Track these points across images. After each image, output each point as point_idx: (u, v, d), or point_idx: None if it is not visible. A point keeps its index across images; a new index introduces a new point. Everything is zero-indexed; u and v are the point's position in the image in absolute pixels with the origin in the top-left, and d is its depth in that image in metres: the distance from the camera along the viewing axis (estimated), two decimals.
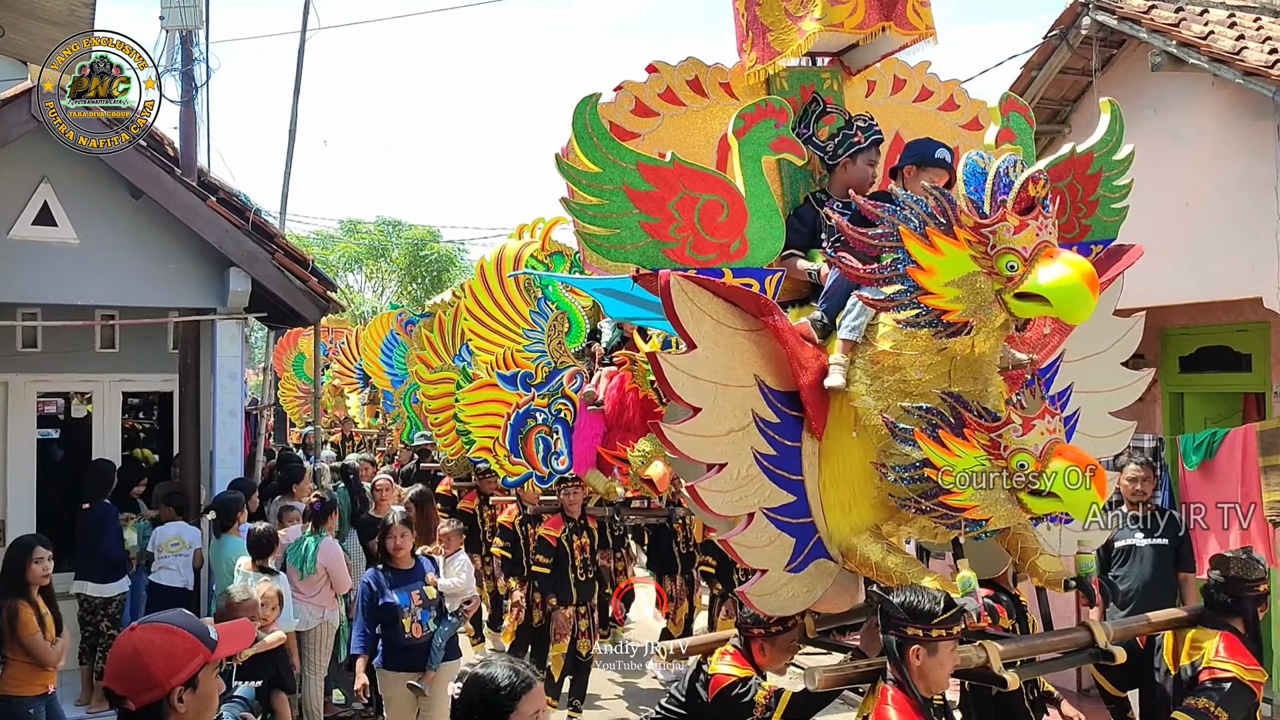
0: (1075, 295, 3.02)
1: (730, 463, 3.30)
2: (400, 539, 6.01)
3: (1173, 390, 8.48)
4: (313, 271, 8.54)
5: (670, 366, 3.21)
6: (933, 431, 3.21)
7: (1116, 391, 4.26)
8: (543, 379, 7.50)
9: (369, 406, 17.46)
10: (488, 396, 7.67)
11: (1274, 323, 6.92)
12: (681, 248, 3.41)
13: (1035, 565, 3.61)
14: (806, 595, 3.52)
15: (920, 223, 3.14)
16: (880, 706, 3.19)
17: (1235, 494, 6.58)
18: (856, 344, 3.48)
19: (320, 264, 11.61)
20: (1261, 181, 6.28)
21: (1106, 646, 3.67)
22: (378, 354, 14.46)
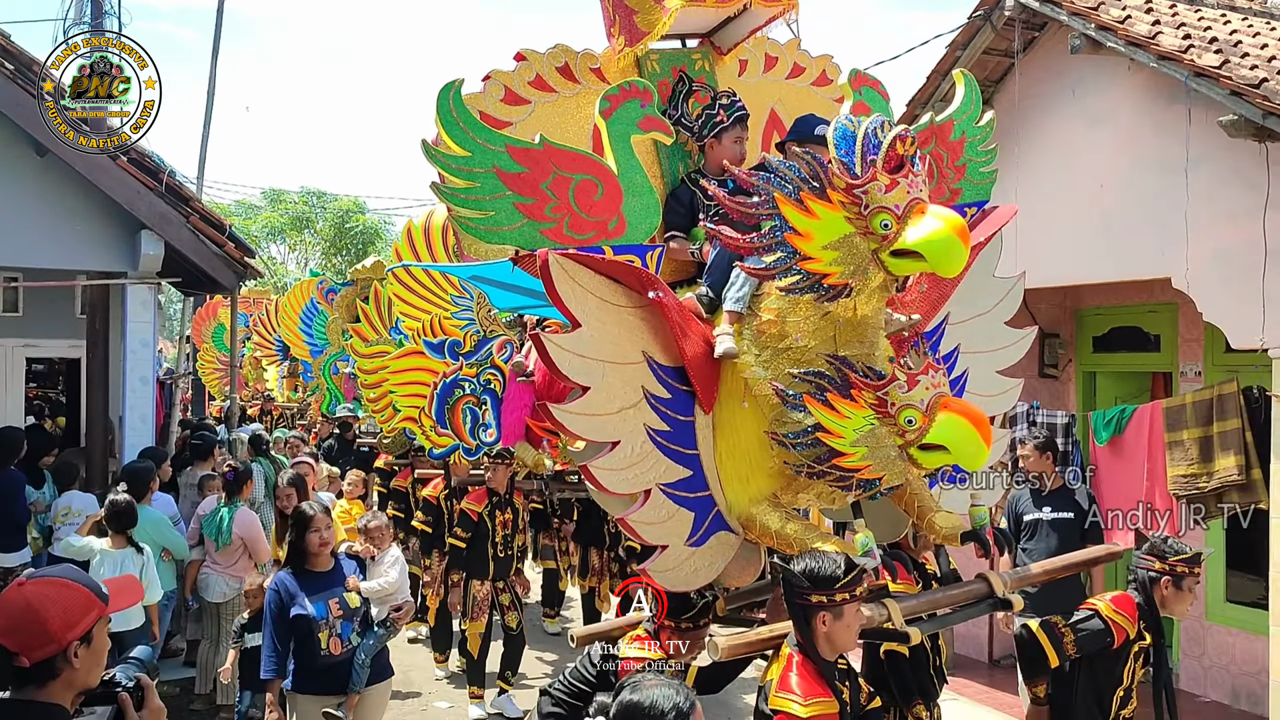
0: (947, 248, 3.08)
1: (623, 440, 3.29)
2: (325, 533, 5.09)
3: (1086, 369, 8.71)
4: (230, 236, 8.33)
5: (555, 346, 3.18)
6: (821, 395, 3.26)
7: (1002, 350, 4.34)
8: (471, 348, 7.34)
9: (289, 380, 17.01)
10: (414, 365, 7.51)
11: (1182, 304, 7.12)
12: (559, 227, 3.43)
13: (932, 522, 3.68)
14: (709, 569, 3.53)
15: (794, 188, 3.19)
16: (785, 673, 3.22)
17: (1142, 468, 6.78)
18: (742, 315, 3.52)
19: (242, 234, 11.33)
20: (1173, 165, 6.45)
21: (1004, 595, 3.77)
22: (296, 323, 14.07)
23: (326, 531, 5.07)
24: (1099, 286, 7.93)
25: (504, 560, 7.59)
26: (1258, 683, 6.71)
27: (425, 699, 8.06)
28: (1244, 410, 6.33)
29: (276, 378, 17.82)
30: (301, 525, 5.06)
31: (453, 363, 7.31)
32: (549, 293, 3.17)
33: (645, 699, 2.15)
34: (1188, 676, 7.78)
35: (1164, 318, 7.99)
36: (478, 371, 7.29)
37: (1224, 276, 6.19)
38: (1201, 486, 6.45)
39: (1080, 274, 7.29)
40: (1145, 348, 8.27)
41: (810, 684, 3.16)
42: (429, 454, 8.08)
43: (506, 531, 7.59)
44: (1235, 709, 7.27)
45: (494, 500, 7.55)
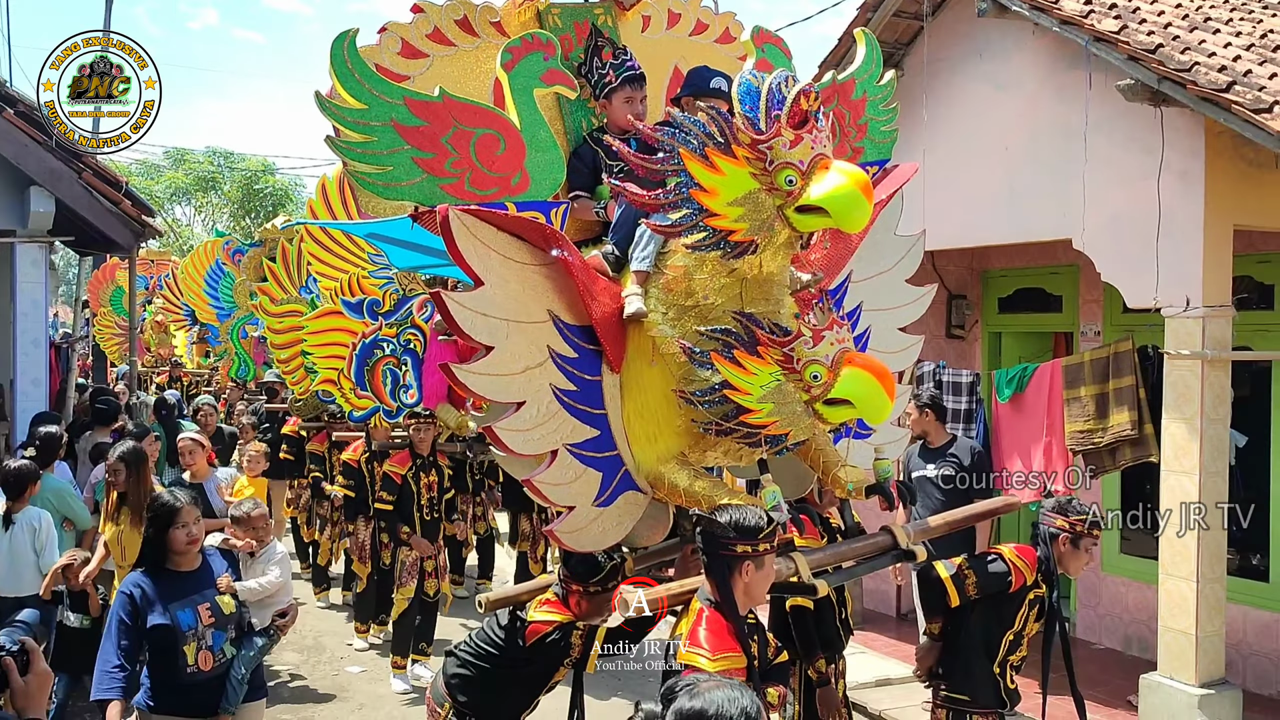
0: (852, 203, 3.08)
1: (529, 401, 3.25)
2: (194, 528, 4.24)
3: (992, 330, 8.91)
4: (126, 194, 8.02)
5: (457, 305, 3.11)
6: (728, 352, 3.26)
7: (903, 308, 4.39)
8: (391, 307, 7.18)
9: (198, 345, 16.42)
10: (332, 325, 7.32)
11: (1083, 265, 7.30)
12: (460, 183, 3.36)
13: (837, 477, 3.73)
14: (617, 529, 3.52)
15: (699, 144, 3.16)
16: (694, 628, 3.22)
17: (1042, 425, 6.97)
18: (649, 274, 3.49)
19: (144, 195, 10.93)
20: (1073, 129, 6.58)
21: (908, 547, 3.84)
22: (201, 286, 13.62)
23: (195, 526, 4.24)
24: (1004, 249, 8.10)
25: (431, 524, 7.47)
26: (1148, 629, 6.98)
27: (338, 664, 7.98)
28: (1138, 368, 6.54)
29: (185, 343, 17.21)
30: (164, 519, 4.19)
31: (371, 323, 7.15)
32: (450, 250, 3.10)
33: (708, 705, 1.88)
34: (1084, 625, 8.08)
35: (1066, 279, 8.20)
36: (398, 331, 7.14)
37: (1121, 238, 6.36)
38: (1097, 442, 6.65)
39: (985, 236, 7.43)
40: (1048, 308, 8.49)
41: (719, 638, 3.17)
42: (349, 417, 7.91)
43: (432, 494, 7.45)
44: (1127, 655, 7.58)
45: (418, 463, 7.39)
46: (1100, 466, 6.76)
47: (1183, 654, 6.00)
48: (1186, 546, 6.00)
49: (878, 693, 7.07)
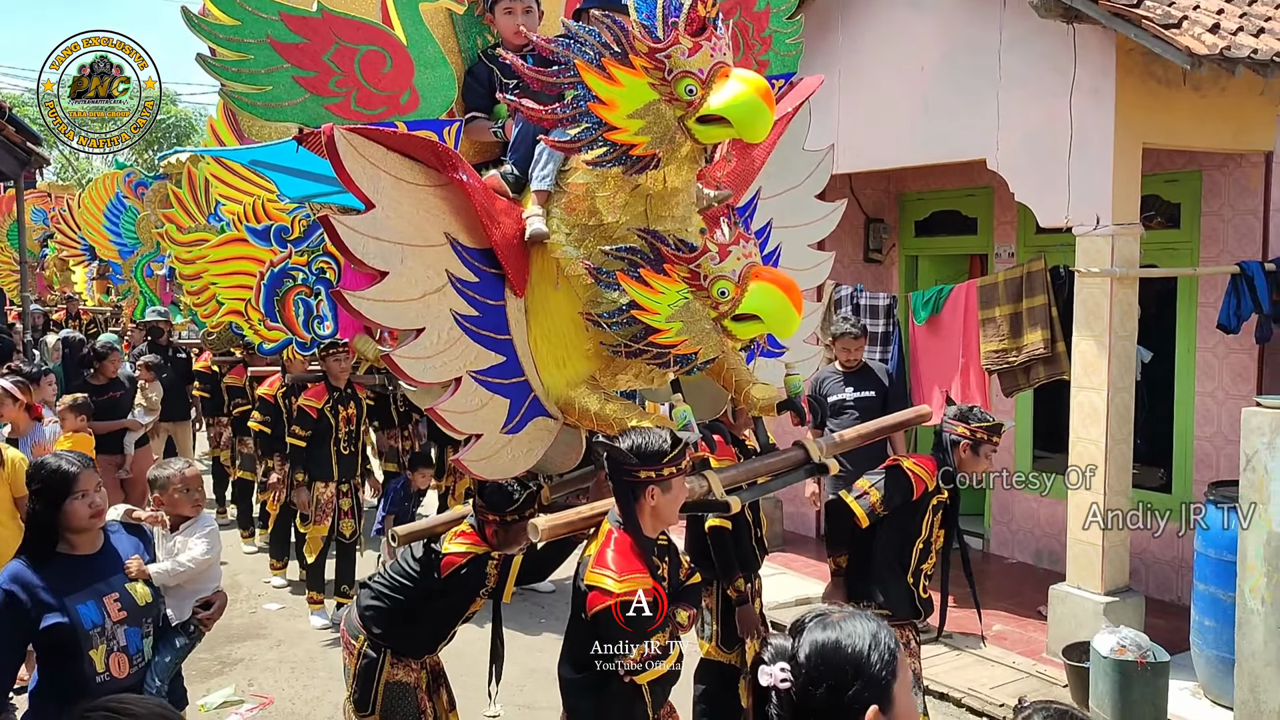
0: (752, 110, 3.01)
1: (428, 327, 3.16)
2: (97, 498, 3.34)
3: (908, 253, 8.97)
4: (10, 120, 7.60)
5: (346, 229, 2.98)
6: (634, 271, 3.20)
7: (813, 224, 4.36)
8: (301, 234, 6.85)
9: (99, 282, 15.58)
10: (237, 253, 7.06)
11: (997, 187, 7.34)
12: (346, 102, 3.24)
13: (749, 395, 3.70)
14: (527, 456, 3.47)
15: (596, 55, 3.06)
16: (602, 549, 3.22)
17: (958, 345, 7.04)
18: (551, 193, 3.39)
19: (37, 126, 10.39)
20: (988, 47, 6.55)
21: (821, 460, 3.83)
22: (101, 221, 12.85)
23: (99, 495, 3.35)
24: (921, 172, 8.11)
25: (348, 459, 7.33)
26: (1058, 543, 7.18)
27: (254, 601, 7.86)
28: (1050, 287, 6.63)
29: (85, 280, 16.43)
30: (58, 488, 3.28)
31: (280, 250, 6.82)
32: (337, 172, 2.97)
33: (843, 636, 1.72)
34: (997, 541, 8.30)
35: (981, 201, 8.25)
36: (309, 259, 6.84)
37: (1034, 158, 6.38)
38: (1011, 361, 6.76)
39: (902, 157, 7.41)
40: (964, 231, 8.56)
41: (626, 560, 3.17)
42: (259, 350, 7.66)
43: (350, 428, 7.29)
44: (1039, 568, 7.80)
45: (334, 396, 7.22)
46: (1014, 385, 6.87)
47: (1090, 565, 6.18)
48: (1095, 461, 6.14)
49: (798, 611, 7.16)
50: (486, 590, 3.91)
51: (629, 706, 3.24)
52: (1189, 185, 7.02)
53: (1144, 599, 6.36)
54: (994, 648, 6.46)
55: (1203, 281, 6.90)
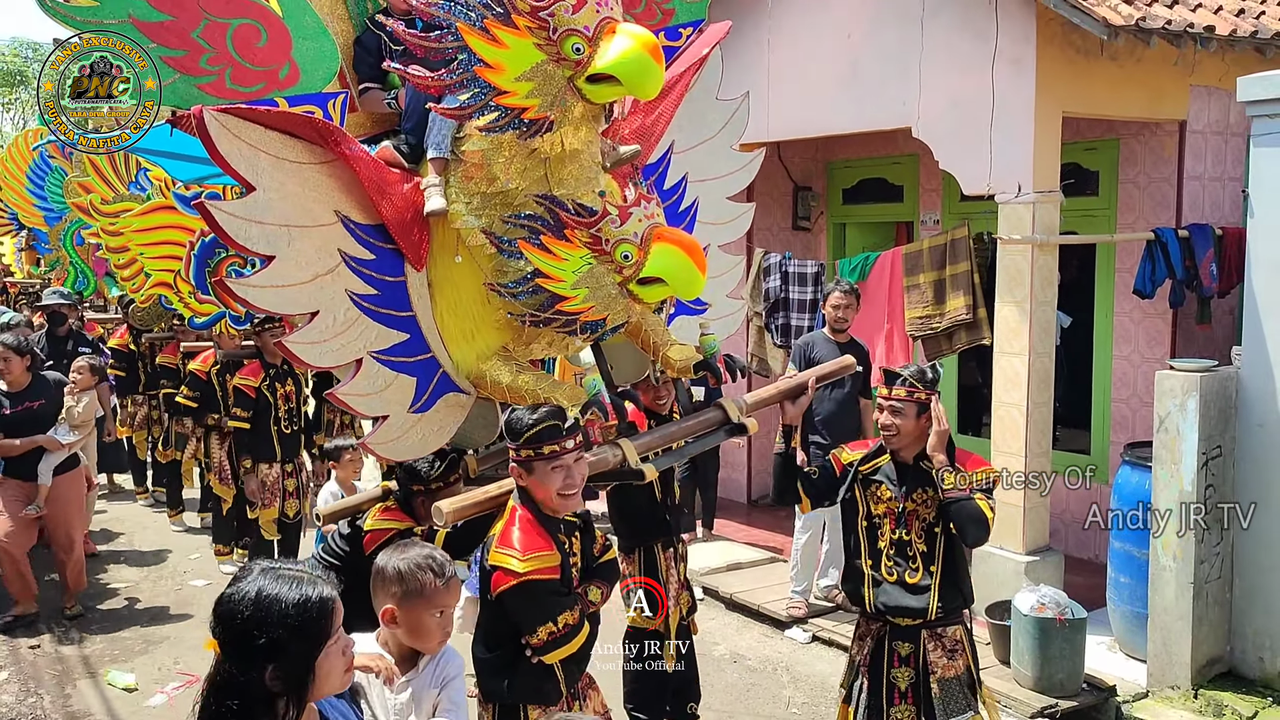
0: (640, 67, 2.93)
1: (323, 310, 3.04)
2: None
3: (836, 220, 9.05)
4: None
5: (225, 215, 2.84)
6: (535, 239, 3.12)
7: (731, 176, 4.24)
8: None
9: (27, 253, 14.56)
10: (164, 221, 6.78)
11: (923, 155, 7.42)
12: (219, 81, 3.09)
13: (666, 356, 3.66)
14: (439, 434, 3.39)
15: (478, 16, 2.95)
16: (506, 527, 3.18)
17: (883, 312, 7.13)
18: (447, 161, 3.29)
19: None
20: (912, 15, 6.59)
21: (739, 420, 3.75)
22: (23, 183, 11.88)
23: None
24: (848, 140, 8.16)
25: (291, 438, 7.06)
26: None
27: (180, 579, 7.73)
28: (973, 253, 6.73)
29: (13, 250, 15.44)
30: (312, 633, 2.23)
31: None
32: (211, 155, 2.85)
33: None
34: None
35: (907, 169, 8.34)
36: None
37: (957, 126, 6.46)
38: (935, 327, 6.86)
39: (828, 125, 7.44)
40: (890, 198, 8.64)
41: (530, 538, 3.12)
42: (190, 323, 7.41)
43: (290, 405, 7.01)
44: None
45: (270, 373, 6.92)
46: (938, 350, 6.98)
47: (1011, 526, 6.33)
48: (1016, 424, 6.28)
49: (729, 577, 7.28)
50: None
51: (539, 684, 3.20)
52: (1107, 154, 7.16)
53: (1063, 557, 6.54)
54: None
55: (1120, 248, 7.06)
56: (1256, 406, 5.40)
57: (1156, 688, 5.49)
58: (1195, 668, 5.39)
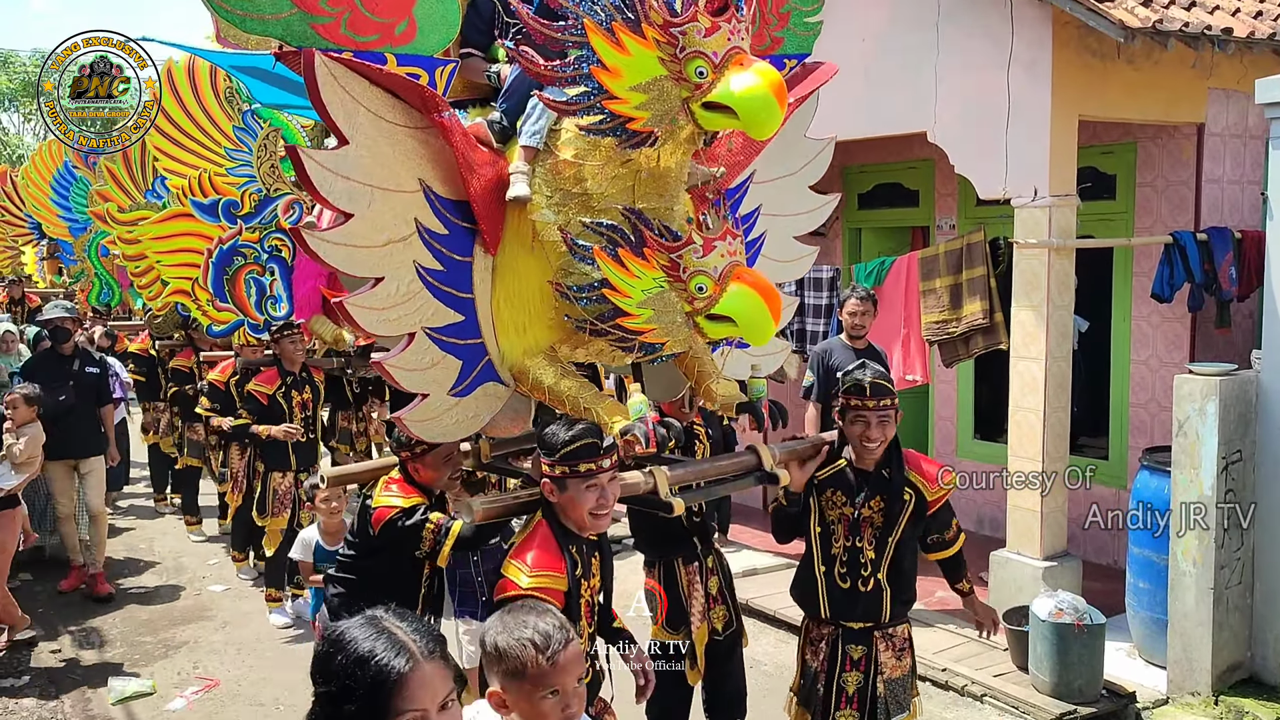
0: (762, 107, 2.84)
1: (388, 277, 2.99)
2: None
3: (852, 225, 9.03)
4: None
5: (315, 164, 2.79)
6: (612, 250, 3.04)
7: (803, 215, 4.19)
8: (252, 209, 6.63)
9: (49, 262, 14.25)
10: (182, 229, 6.76)
11: (938, 160, 7.40)
12: (335, 24, 2.92)
13: (710, 390, 3.57)
14: (472, 421, 3.34)
15: (608, 17, 2.88)
16: (526, 538, 3.14)
17: (900, 317, 7.11)
18: (539, 151, 3.23)
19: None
20: (927, 20, 6.58)
21: (772, 469, 3.67)
22: (48, 193, 11.72)
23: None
24: (864, 145, 8.13)
25: (306, 446, 6.98)
26: (999, 510, 7.31)
27: (199, 584, 7.76)
28: (989, 258, 6.71)
29: (35, 260, 14.99)
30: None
31: (229, 226, 6.53)
32: (313, 100, 2.79)
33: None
34: None
35: (922, 174, 8.32)
36: (261, 236, 6.56)
37: (972, 130, 6.44)
38: (951, 331, 6.84)
39: (844, 129, 7.40)
40: (906, 203, 8.62)
41: (544, 554, 3.08)
42: (208, 331, 7.39)
43: (306, 414, 6.94)
44: (979, 534, 7.92)
45: (287, 381, 6.87)
46: (954, 355, 6.96)
47: (1029, 530, 6.30)
48: (1033, 429, 6.25)
49: (744, 582, 7.23)
50: (422, 552, 3.77)
51: None
52: (1124, 157, 7.14)
53: (1081, 563, 6.50)
54: (935, 613, 6.58)
55: (1137, 251, 7.03)
56: (1277, 411, 5.36)
57: (1177, 694, 5.45)
58: (1216, 674, 5.35)
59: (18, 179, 13.66)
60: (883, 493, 3.86)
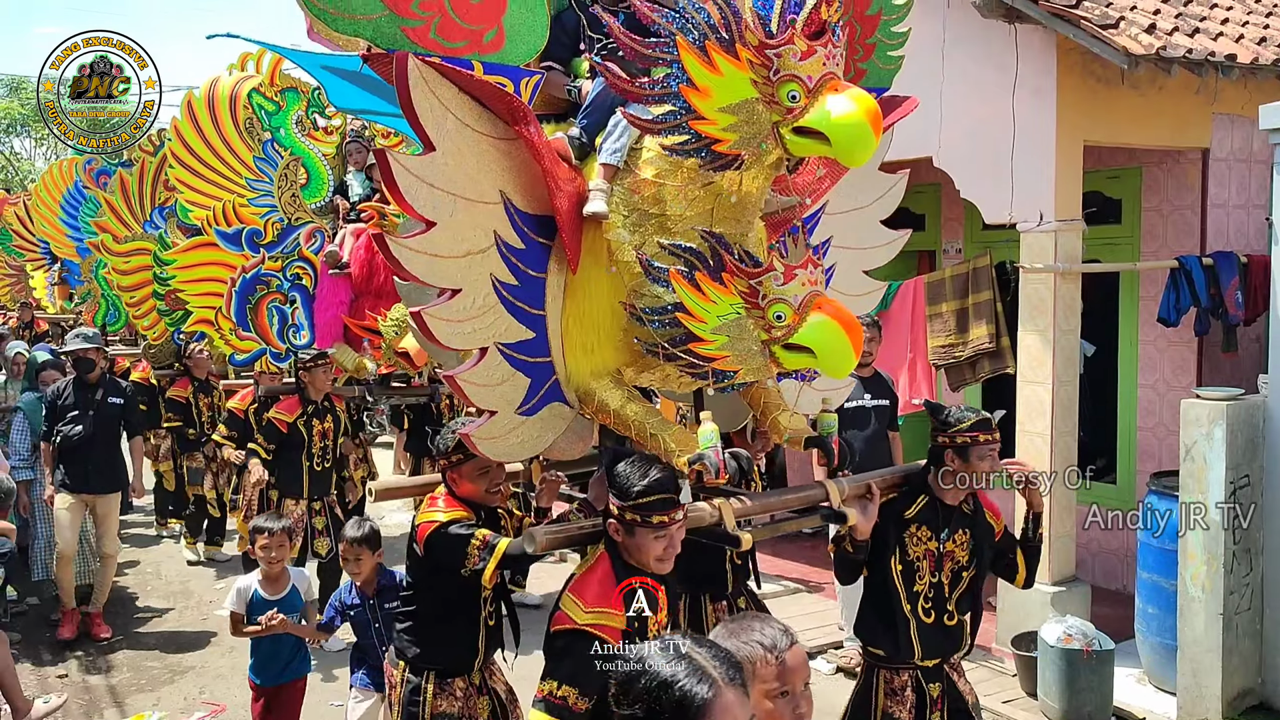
0: (858, 135, 2.76)
1: (465, 289, 2.92)
2: None
3: None
4: None
5: (402, 169, 2.73)
6: (689, 273, 2.96)
7: (874, 249, 4.12)
8: (274, 238, 6.60)
9: (60, 287, 14.04)
10: (206, 258, 6.72)
11: (944, 184, 7.43)
12: (425, 29, 2.86)
13: (777, 422, 3.50)
14: (536, 441, 3.26)
15: (701, 35, 2.81)
16: (587, 572, 3.07)
17: (906, 340, 7.12)
18: (618, 169, 3.16)
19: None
20: (933, 46, 6.62)
21: (839, 508, 3.57)
22: (57, 213, 11.56)
23: None
24: None
25: (321, 475, 6.87)
26: None
27: (206, 609, 7.75)
28: (995, 282, 6.73)
29: (45, 284, 14.88)
30: None
31: (252, 255, 6.49)
32: (403, 104, 2.73)
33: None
34: None
35: (928, 198, 8.34)
36: (283, 265, 6.52)
37: (978, 155, 6.47)
38: (958, 355, 6.84)
39: None
40: (912, 227, 8.61)
41: (603, 589, 2.98)
42: (230, 360, 7.42)
43: (325, 443, 6.84)
44: None
45: (309, 409, 6.78)
46: (961, 379, 6.96)
47: None
48: (1040, 453, 6.24)
49: None
50: (467, 569, 3.58)
51: None
52: (1129, 182, 7.17)
53: (1090, 588, 6.48)
54: None
55: (1143, 276, 7.05)
56: None
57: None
58: (1226, 700, 5.32)
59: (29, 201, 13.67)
60: (966, 526, 3.86)
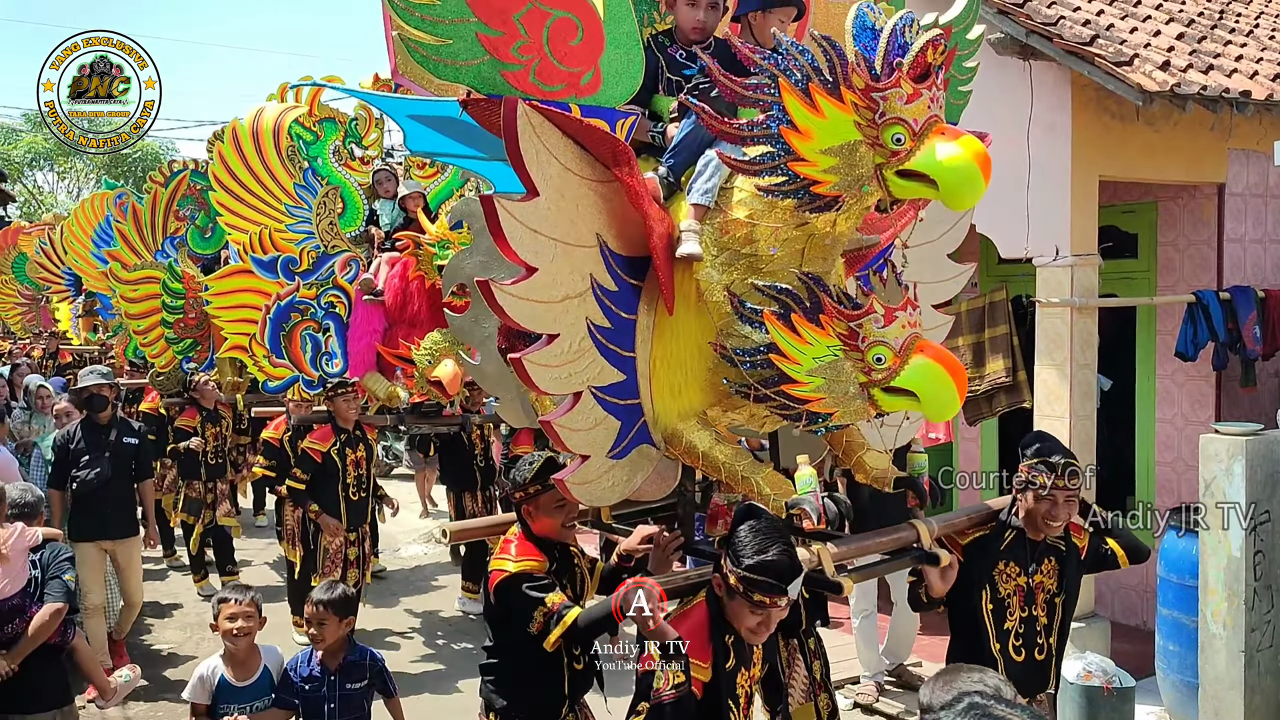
0: (966, 179, 2.72)
1: (563, 334, 2.86)
2: None
3: None
4: None
5: (508, 215, 2.68)
6: (785, 315, 2.90)
7: (941, 284, 4.10)
8: (309, 266, 6.59)
9: (84, 319, 13.76)
10: (242, 285, 6.72)
11: None
12: (525, 72, 2.82)
13: (862, 461, 3.43)
14: (626, 484, 3.19)
15: (804, 77, 2.74)
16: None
17: None
18: (709, 209, 3.10)
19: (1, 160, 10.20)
20: None
21: (931, 548, 3.51)
22: (88, 247, 11.40)
23: None
24: None
25: (357, 505, 6.85)
26: None
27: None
28: (1011, 316, 6.74)
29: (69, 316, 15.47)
30: None
31: (288, 283, 6.47)
32: (510, 150, 2.67)
33: None
34: None
35: None
36: (318, 293, 6.47)
37: (994, 190, 6.36)
38: (975, 390, 6.83)
39: None
40: None
41: (693, 642, 2.96)
42: (263, 388, 7.44)
43: (359, 472, 6.82)
44: None
45: (341, 438, 6.79)
46: (977, 413, 6.94)
47: None
48: None
49: None
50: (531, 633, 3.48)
51: None
52: (1145, 216, 7.19)
53: (1110, 624, 6.43)
54: None
55: (1161, 310, 7.05)
56: None
57: None
58: None
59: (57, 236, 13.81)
60: (1052, 555, 3.84)
